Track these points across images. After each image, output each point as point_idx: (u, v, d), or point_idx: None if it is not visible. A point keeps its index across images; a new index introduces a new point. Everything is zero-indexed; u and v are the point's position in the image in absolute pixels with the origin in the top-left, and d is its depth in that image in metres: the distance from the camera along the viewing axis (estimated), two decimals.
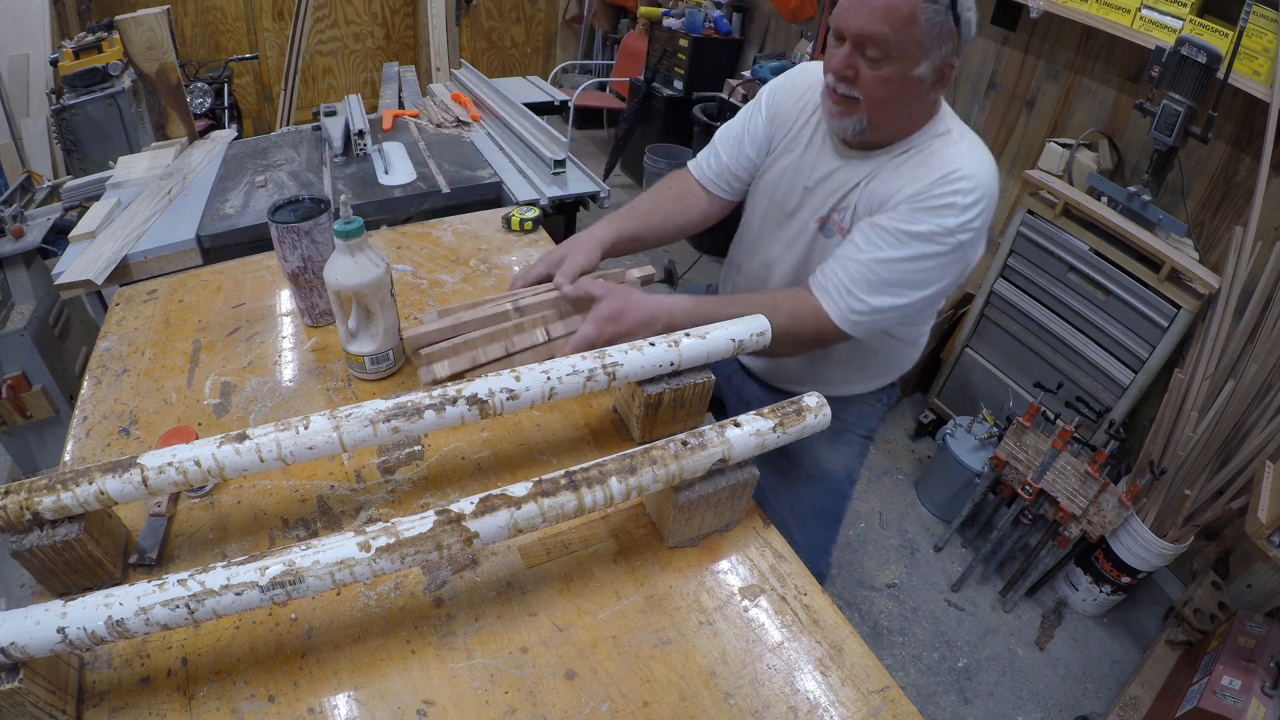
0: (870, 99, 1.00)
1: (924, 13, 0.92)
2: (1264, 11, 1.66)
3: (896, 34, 0.93)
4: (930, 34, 0.93)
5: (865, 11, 0.94)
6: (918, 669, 1.90)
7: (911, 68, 0.96)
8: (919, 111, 1.04)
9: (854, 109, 1.02)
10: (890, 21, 0.93)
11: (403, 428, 0.74)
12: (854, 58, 0.98)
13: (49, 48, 3.02)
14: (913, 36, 0.93)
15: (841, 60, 0.99)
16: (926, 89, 1.00)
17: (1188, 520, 1.80)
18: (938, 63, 0.97)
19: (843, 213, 1.11)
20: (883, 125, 1.04)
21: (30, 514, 0.66)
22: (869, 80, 0.98)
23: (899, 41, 0.93)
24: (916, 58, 0.95)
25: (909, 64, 0.96)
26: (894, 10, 0.92)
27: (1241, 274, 1.73)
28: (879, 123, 1.03)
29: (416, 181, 1.96)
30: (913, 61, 0.96)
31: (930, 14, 0.92)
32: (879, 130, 1.04)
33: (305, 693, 0.66)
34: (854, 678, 0.70)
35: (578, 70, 5.34)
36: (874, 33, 0.94)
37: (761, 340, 0.92)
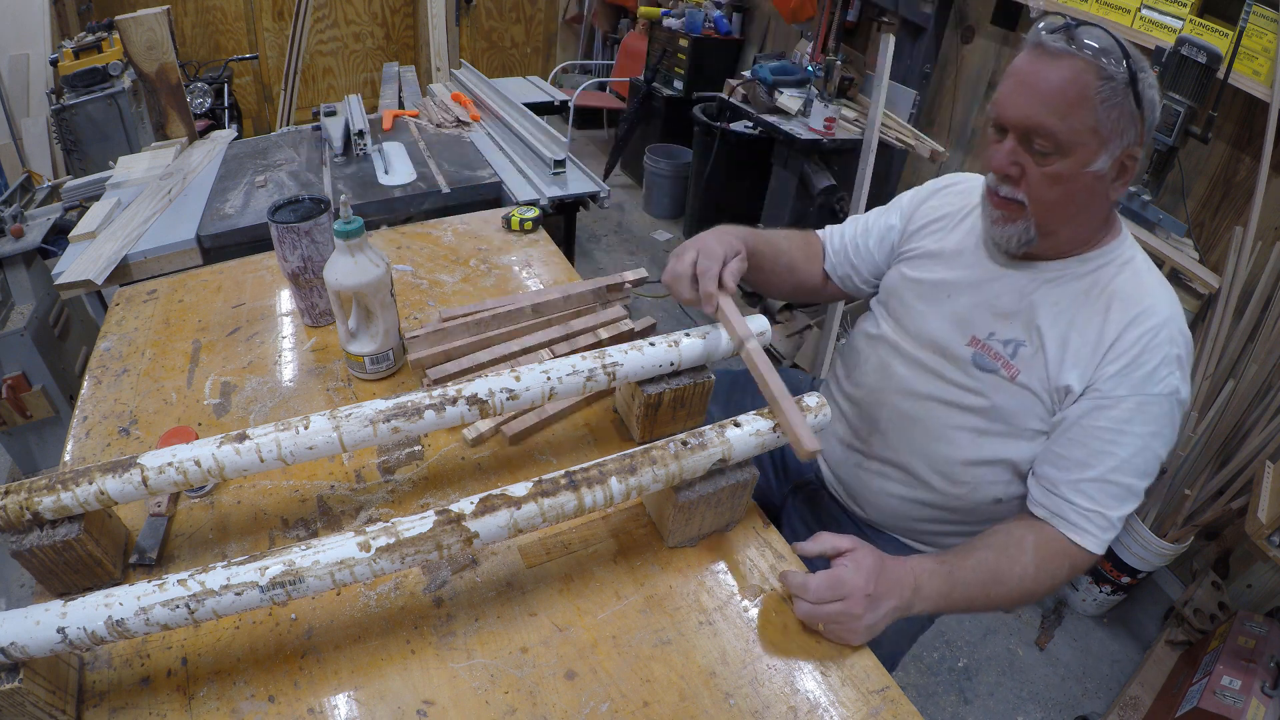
0: (1038, 201, 0.84)
1: (1100, 94, 0.76)
2: (1264, 11, 1.65)
3: (1068, 121, 0.77)
4: (1108, 120, 0.77)
5: (1030, 98, 0.79)
6: (918, 669, 1.90)
7: (1088, 162, 0.79)
8: (1096, 217, 0.87)
9: (1019, 214, 0.86)
10: (1059, 109, 0.77)
11: (403, 428, 0.74)
12: (1018, 153, 0.83)
13: (49, 48, 3.02)
14: (1087, 124, 0.77)
15: (1004, 157, 0.84)
16: (1105, 188, 0.83)
17: (1188, 520, 1.80)
18: (1119, 154, 0.80)
19: (1010, 345, 0.91)
20: (1054, 233, 0.86)
21: (30, 514, 0.66)
22: (1036, 180, 0.82)
23: (1071, 130, 0.78)
24: (1094, 149, 0.79)
25: (1085, 158, 0.79)
26: (1062, 94, 0.77)
27: (1241, 274, 1.73)
28: (1049, 229, 0.86)
29: (416, 181, 1.96)
30: (1089, 154, 0.79)
31: (1107, 95, 0.76)
32: (1049, 239, 0.87)
33: (305, 693, 0.66)
34: (854, 678, 0.70)
35: (578, 70, 5.34)
36: (1041, 122, 0.79)
37: (762, 340, 0.92)
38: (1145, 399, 0.82)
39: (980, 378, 0.93)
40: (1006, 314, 0.92)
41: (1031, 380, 0.89)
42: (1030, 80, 0.79)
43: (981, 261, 0.96)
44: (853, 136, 2.69)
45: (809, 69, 3.06)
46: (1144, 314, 0.83)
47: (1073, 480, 0.85)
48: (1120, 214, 1.94)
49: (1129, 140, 0.79)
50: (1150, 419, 0.83)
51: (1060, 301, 0.88)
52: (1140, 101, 0.77)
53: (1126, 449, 0.83)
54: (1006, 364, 0.91)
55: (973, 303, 0.95)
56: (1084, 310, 0.86)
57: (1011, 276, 0.93)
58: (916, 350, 1.00)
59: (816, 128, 2.71)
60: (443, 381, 0.97)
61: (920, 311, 1.00)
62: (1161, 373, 0.82)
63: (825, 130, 2.69)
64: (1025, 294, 0.91)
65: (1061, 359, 0.87)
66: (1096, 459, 0.83)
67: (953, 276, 0.98)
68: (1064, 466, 0.86)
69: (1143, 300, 0.84)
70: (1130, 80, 0.76)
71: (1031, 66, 0.79)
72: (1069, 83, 0.76)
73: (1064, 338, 0.87)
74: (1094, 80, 0.76)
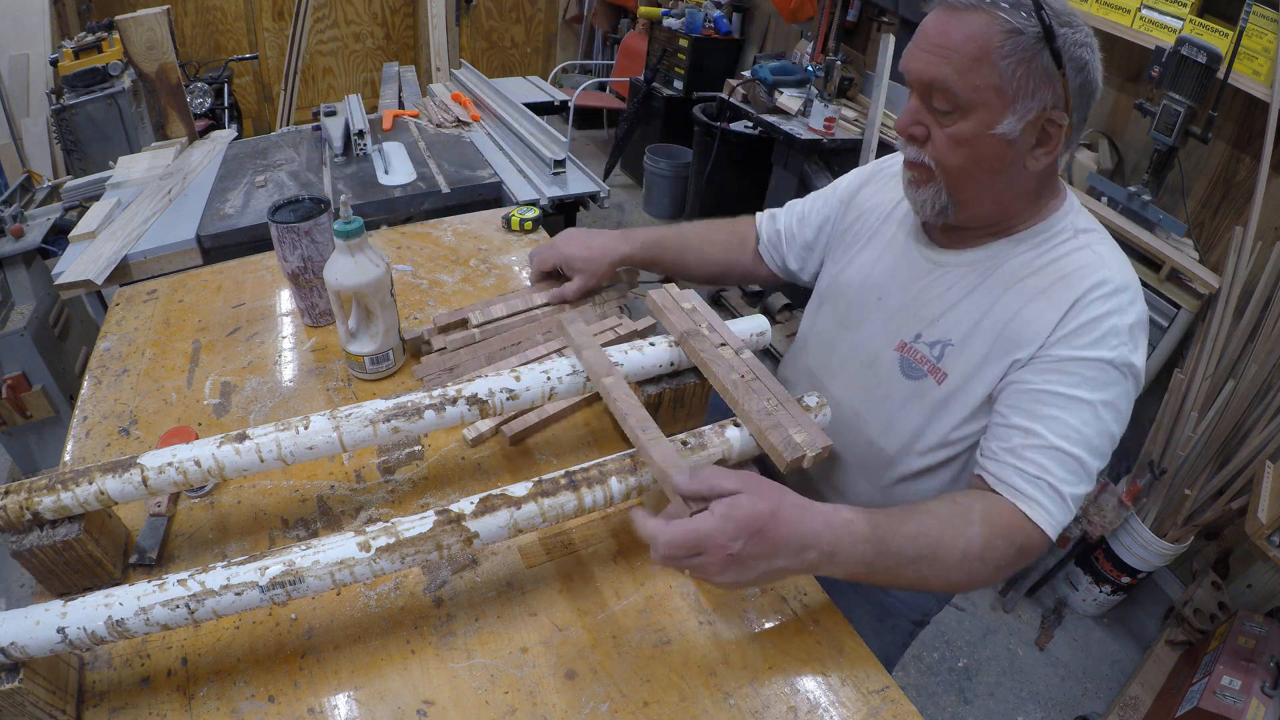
0: (943, 165, 0.78)
1: (1002, 50, 0.70)
2: (1264, 11, 1.65)
3: (965, 77, 0.71)
4: (1014, 78, 0.70)
5: (929, 53, 0.73)
6: (918, 669, 1.90)
7: (992, 123, 0.73)
8: (1017, 186, 0.80)
9: (928, 177, 0.80)
10: (957, 60, 0.71)
11: (403, 428, 0.74)
12: (921, 112, 0.78)
13: (49, 48, 3.02)
14: (989, 82, 0.71)
15: (907, 116, 0.79)
16: (1021, 154, 0.76)
17: (1188, 520, 1.80)
18: (1032, 117, 0.73)
19: (937, 346, 0.85)
20: (968, 202, 0.80)
21: (30, 514, 0.66)
22: (941, 142, 0.77)
23: (970, 89, 0.72)
24: (997, 110, 0.72)
25: (988, 118, 0.73)
26: (962, 45, 0.71)
27: (1241, 274, 1.73)
28: (962, 197, 0.80)
29: (416, 181, 1.96)
30: (993, 115, 0.73)
31: (1010, 50, 0.70)
32: (966, 209, 0.81)
33: (305, 693, 0.66)
34: (854, 678, 0.70)
35: (578, 70, 5.34)
36: (936, 76, 0.73)
37: (762, 340, 0.92)
38: (1093, 362, 0.75)
39: (907, 387, 0.87)
40: (934, 313, 0.86)
41: (961, 382, 0.83)
42: (931, 35, 0.74)
43: (911, 256, 0.91)
44: (853, 136, 2.70)
45: (809, 69, 3.06)
46: (1095, 287, 0.77)
47: (1018, 446, 0.77)
48: (1120, 213, 1.95)
49: (1044, 102, 0.72)
50: (1099, 384, 0.75)
51: (995, 289, 0.82)
52: (1059, 59, 0.70)
53: (1075, 415, 0.75)
54: (933, 367, 0.85)
55: (901, 301, 0.90)
56: (1024, 291, 0.80)
57: (942, 270, 0.87)
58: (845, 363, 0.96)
59: (816, 128, 2.71)
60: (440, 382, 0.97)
61: (853, 320, 0.96)
62: (1111, 340, 0.75)
63: (825, 130, 2.69)
64: (956, 287, 0.85)
65: (998, 348, 0.81)
66: (1043, 423, 0.76)
67: (884, 276, 0.93)
68: (1008, 435, 0.78)
69: (1093, 274, 0.77)
70: (1046, 36, 0.69)
71: (935, 21, 0.74)
72: (969, 38, 0.71)
73: (1001, 324, 0.80)
74: (996, 33, 0.69)
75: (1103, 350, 0.75)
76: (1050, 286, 0.79)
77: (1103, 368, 0.76)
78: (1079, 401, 0.75)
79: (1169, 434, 1.83)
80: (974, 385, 0.83)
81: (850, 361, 0.95)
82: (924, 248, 0.90)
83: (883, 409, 0.91)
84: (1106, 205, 1.96)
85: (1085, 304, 0.76)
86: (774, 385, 0.78)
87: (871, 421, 0.93)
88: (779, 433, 0.71)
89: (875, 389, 0.92)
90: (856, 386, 0.94)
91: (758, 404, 0.75)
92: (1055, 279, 0.79)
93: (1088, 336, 0.76)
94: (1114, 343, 0.76)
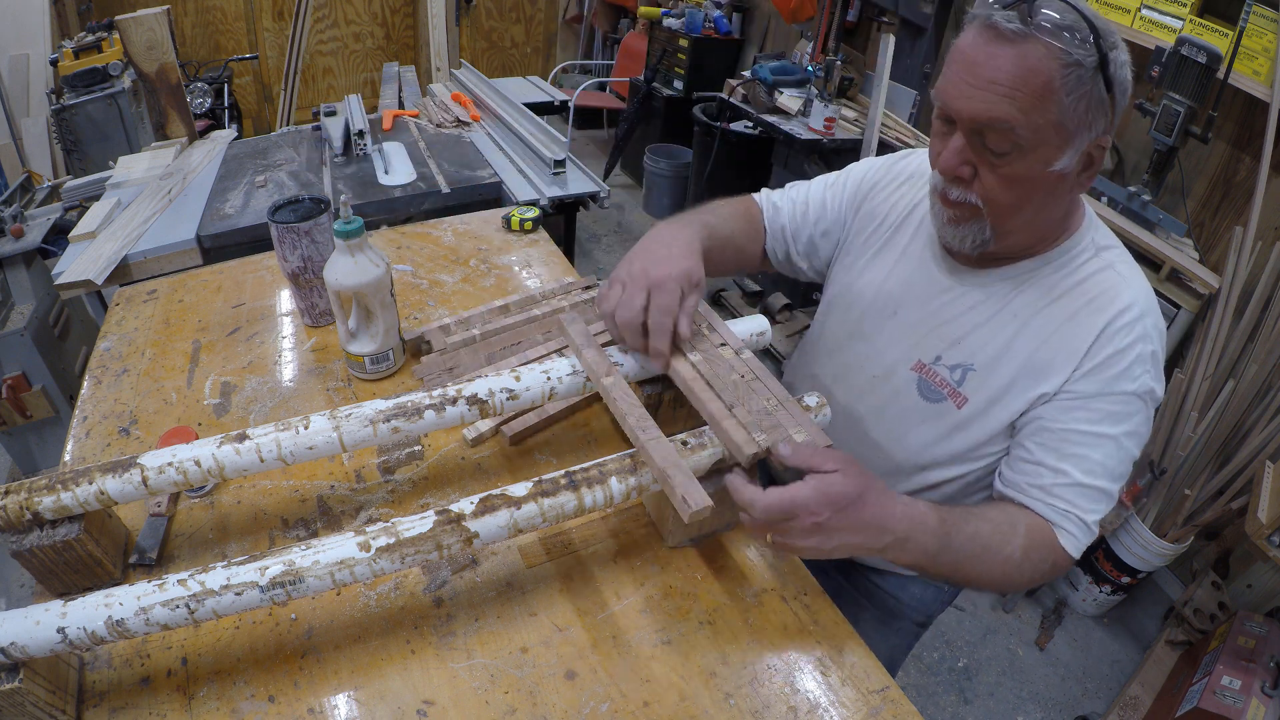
0: (994, 205, 0.73)
1: (1065, 85, 0.64)
2: (1264, 11, 1.66)
3: (1029, 117, 0.66)
4: (1075, 112, 0.66)
5: (981, 89, 0.67)
6: (918, 669, 1.90)
7: (1051, 161, 0.68)
8: (1057, 212, 0.77)
9: (972, 215, 0.75)
10: (1019, 100, 0.65)
11: (403, 428, 0.74)
12: (968, 152, 0.71)
13: (49, 48, 3.02)
14: (1050, 119, 0.66)
15: (954, 158, 0.72)
16: (1070, 184, 0.73)
17: (1188, 520, 1.80)
18: (1086, 147, 0.69)
19: (958, 370, 0.82)
20: (1012, 233, 0.77)
21: (30, 514, 0.66)
22: (992, 183, 0.71)
23: (1033, 127, 0.66)
24: (1058, 146, 0.68)
25: (1048, 156, 0.68)
26: (1023, 82, 0.64)
27: (1241, 274, 1.73)
28: (1007, 231, 0.76)
29: (416, 181, 1.96)
30: (1052, 153, 0.68)
31: (1074, 82, 0.64)
32: (1007, 239, 0.77)
33: (305, 693, 0.66)
34: (854, 678, 0.70)
35: (578, 70, 5.34)
36: (996, 117, 0.67)
37: (762, 340, 0.92)
38: (1119, 397, 0.76)
39: (924, 408, 0.85)
40: (955, 335, 0.83)
41: (984, 408, 0.82)
42: (981, 68, 0.67)
43: (929, 271, 0.87)
44: (853, 136, 2.70)
45: (809, 69, 3.06)
46: (1121, 313, 0.75)
47: (1048, 484, 0.78)
48: (1120, 213, 1.95)
49: (1099, 130, 0.69)
50: (1123, 417, 0.76)
51: (1021, 313, 0.80)
52: (1111, 86, 0.66)
53: (1100, 451, 0.76)
54: (953, 391, 0.83)
55: (920, 319, 0.86)
56: (1052, 317, 0.78)
57: (962, 290, 0.83)
58: (855, 373, 0.93)
59: (816, 128, 2.71)
60: (440, 380, 0.97)
61: (865, 332, 0.92)
62: (1136, 371, 0.75)
63: (825, 130, 2.69)
64: (979, 308, 0.82)
65: (1024, 375, 0.79)
66: (1070, 463, 0.77)
67: (900, 289, 0.89)
68: (1037, 473, 0.79)
69: (1118, 298, 0.76)
70: (1100, 64, 0.65)
71: (982, 51, 0.67)
72: (1029, 72, 0.64)
73: (1028, 352, 0.79)
74: (1058, 68, 0.64)
75: (1127, 384, 0.75)
76: (1078, 312, 0.77)
77: (1127, 400, 0.76)
78: (1104, 438, 0.76)
79: (1169, 434, 1.83)
80: (996, 411, 0.82)
81: (860, 373, 0.93)
82: (942, 263, 0.87)
83: (894, 423, 0.90)
84: (1106, 205, 1.96)
85: (1113, 332, 0.75)
86: (774, 385, 0.78)
87: (879, 433, 0.91)
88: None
89: (888, 404, 0.90)
90: (866, 397, 0.92)
91: (757, 404, 0.75)
92: (1082, 304, 0.77)
93: (1114, 369, 0.75)
94: (1138, 373, 0.76)
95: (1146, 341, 0.76)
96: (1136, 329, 0.75)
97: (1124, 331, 0.75)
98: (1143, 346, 0.76)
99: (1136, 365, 0.75)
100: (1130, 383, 0.76)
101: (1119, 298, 0.76)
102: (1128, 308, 0.76)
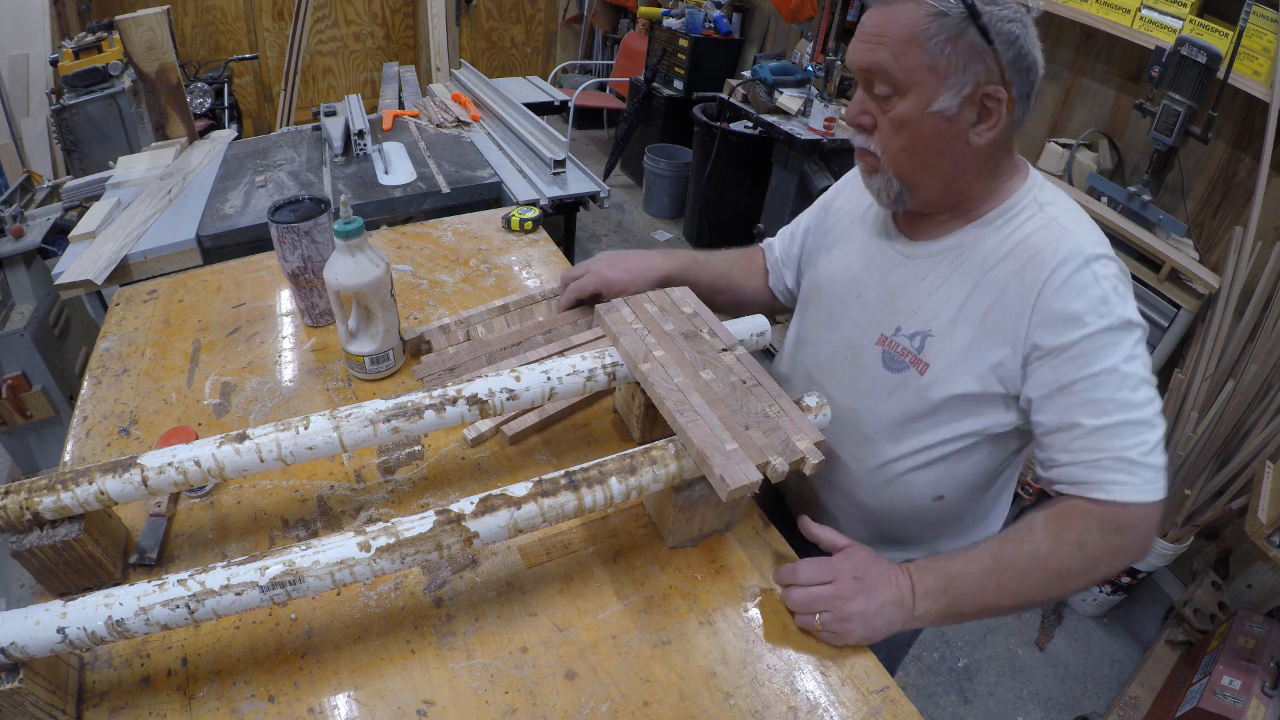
0: (888, 150, 0.80)
1: (929, 30, 0.72)
2: (1264, 11, 1.66)
3: (899, 61, 0.74)
4: (944, 56, 0.73)
5: (863, 40, 0.77)
6: (918, 669, 1.90)
7: (928, 101, 0.75)
8: (967, 166, 0.80)
9: (876, 165, 0.82)
10: (889, 45, 0.75)
11: (403, 428, 0.74)
12: (866, 101, 0.80)
13: (49, 48, 3.02)
14: (921, 62, 0.74)
15: (855, 107, 0.82)
16: (963, 130, 0.77)
17: (1188, 520, 1.80)
18: (968, 92, 0.75)
19: (917, 338, 0.86)
20: (920, 185, 0.82)
21: (30, 514, 0.66)
22: (885, 129, 0.79)
23: (905, 69, 0.74)
24: (932, 87, 0.74)
25: (924, 97, 0.75)
26: (892, 30, 0.74)
27: (1241, 274, 1.73)
28: (912, 180, 0.81)
29: (416, 181, 1.96)
30: (928, 93, 0.75)
31: (939, 29, 0.72)
32: (919, 192, 0.82)
33: (305, 693, 0.66)
34: (854, 678, 0.70)
35: (578, 70, 5.34)
36: (874, 61, 0.76)
37: (762, 340, 0.92)
38: (1091, 336, 0.75)
39: (890, 379, 0.88)
40: (912, 305, 0.87)
41: (945, 373, 0.84)
42: (867, 27, 0.78)
43: (884, 250, 0.92)
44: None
45: (809, 69, 3.06)
46: (1062, 263, 0.76)
47: (1067, 444, 0.77)
48: (1120, 213, 1.95)
49: (977, 76, 0.74)
50: (1108, 352, 0.75)
51: (970, 275, 0.83)
52: (987, 35, 0.72)
53: (1102, 390, 0.75)
54: (915, 359, 0.86)
55: (878, 296, 0.91)
56: (998, 276, 0.80)
57: (914, 262, 0.88)
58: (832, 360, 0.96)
59: (816, 128, 2.72)
60: (440, 380, 0.97)
61: (833, 319, 0.96)
62: (1100, 309, 0.75)
63: (825, 130, 2.69)
64: (930, 276, 0.86)
65: (982, 337, 0.81)
66: (1075, 414, 0.76)
67: (861, 272, 0.94)
68: (1055, 441, 0.78)
69: (1060, 248, 0.77)
70: (970, 15, 0.72)
71: (870, 16, 0.78)
72: (895, 22, 0.74)
73: (981, 313, 0.81)
74: (921, 16, 0.73)
75: (1096, 321, 0.75)
76: (1023, 268, 0.78)
77: (1103, 335, 0.75)
78: (1098, 375, 0.75)
79: (1169, 434, 1.83)
80: (959, 375, 0.83)
81: (836, 359, 0.96)
82: (895, 241, 0.91)
83: (865, 399, 0.92)
84: (1106, 205, 1.96)
85: (1058, 283, 0.76)
86: (772, 388, 0.78)
87: (857, 413, 0.93)
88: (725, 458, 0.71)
89: (860, 383, 0.92)
90: (845, 383, 0.94)
91: (757, 407, 0.75)
92: (1027, 259, 0.79)
93: (1072, 316, 0.76)
94: (1102, 310, 0.75)
95: (1098, 283, 0.76)
96: (1084, 274, 0.76)
97: (1071, 281, 0.76)
98: (1095, 288, 0.75)
99: (1099, 305, 0.75)
100: (1099, 319, 0.75)
101: (1061, 248, 0.77)
102: (1069, 257, 0.76)
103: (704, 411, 0.74)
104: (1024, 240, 0.80)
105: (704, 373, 0.79)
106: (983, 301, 0.81)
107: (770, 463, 0.69)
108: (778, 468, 0.69)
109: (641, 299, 0.91)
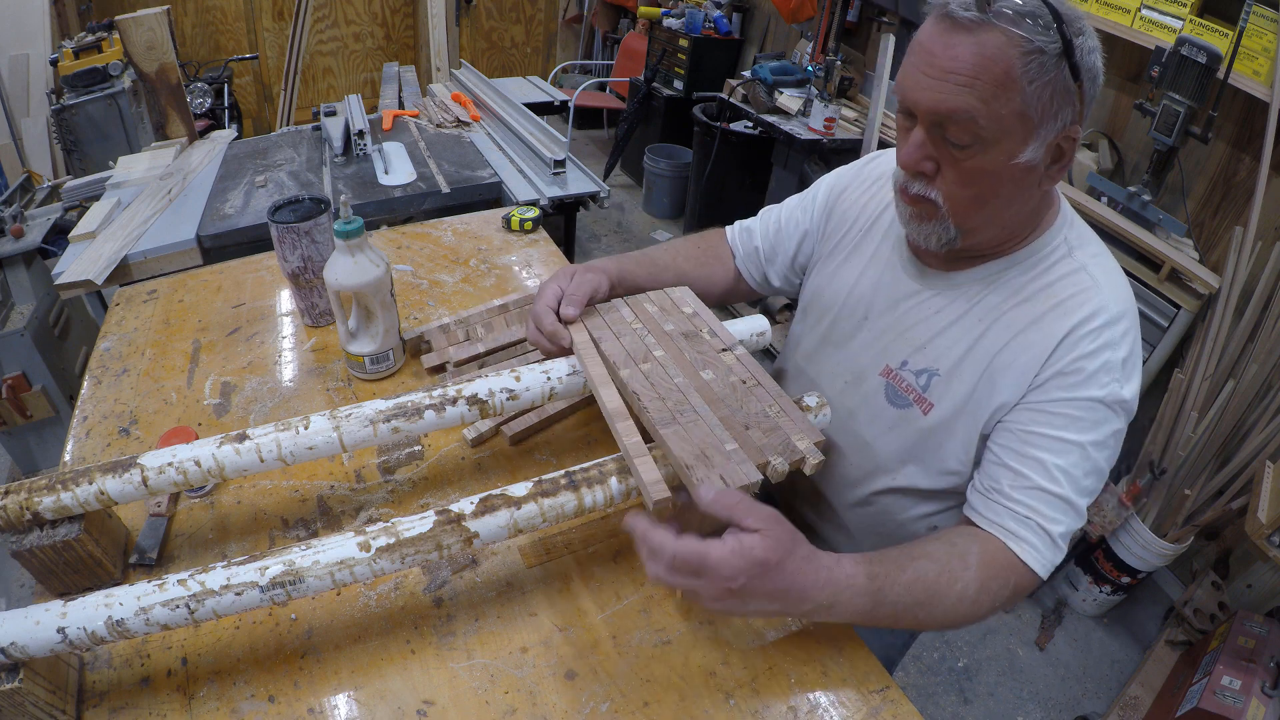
0: (955, 201, 0.70)
1: (1027, 73, 0.61)
2: (1264, 11, 1.65)
3: (989, 106, 0.63)
4: (1039, 102, 0.63)
5: (939, 78, 0.64)
6: (918, 669, 1.90)
7: (1015, 153, 0.65)
8: (1026, 207, 0.73)
9: (934, 213, 0.73)
10: (978, 89, 0.62)
11: (403, 428, 0.74)
12: (929, 146, 0.69)
13: (49, 48, 3.02)
14: (1013, 109, 0.63)
15: (915, 151, 0.70)
16: (1039, 177, 0.69)
17: (1188, 520, 1.80)
18: (1054, 138, 0.66)
19: (923, 375, 0.80)
20: (977, 231, 0.74)
21: (30, 514, 0.66)
22: (953, 178, 0.69)
23: (994, 117, 0.63)
24: (1022, 138, 0.65)
25: (1011, 149, 0.65)
26: (982, 71, 0.62)
27: (1241, 274, 1.73)
28: (972, 226, 0.73)
29: (416, 181, 1.96)
30: (1016, 145, 0.65)
31: (1035, 72, 0.61)
32: (973, 236, 0.74)
33: (305, 693, 0.66)
34: (854, 678, 0.70)
35: (578, 70, 5.34)
36: (955, 108, 0.64)
37: (762, 340, 0.92)
38: (1083, 402, 0.72)
39: (892, 414, 0.83)
40: (921, 340, 0.81)
41: (949, 415, 0.79)
42: (938, 58, 0.64)
43: (897, 275, 0.85)
44: (853, 136, 2.70)
45: (809, 69, 3.06)
46: (1088, 319, 0.72)
47: (1006, 487, 0.74)
48: (1120, 214, 1.95)
49: (1066, 121, 0.65)
50: (1089, 425, 0.72)
51: (986, 316, 0.77)
52: (1078, 73, 0.63)
53: (1064, 458, 0.72)
54: (919, 397, 0.81)
55: (888, 324, 0.85)
56: (1016, 320, 0.75)
57: (930, 293, 0.81)
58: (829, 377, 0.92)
59: (816, 128, 2.72)
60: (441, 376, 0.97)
61: (836, 338, 0.91)
62: (1103, 378, 0.71)
63: (825, 130, 2.69)
64: (945, 311, 0.80)
65: (987, 381, 0.76)
66: (1031, 466, 0.73)
67: (869, 293, 0.87)
68: (998, 475, 0.75)
69: (1087, 303, 0.72)
70: (1064, 50, 0.61)
71: (939, 41, 0.64)
72: (988, 61, 0.61)
73: (990, 355, 0.76)
74: (1018, 55, 0.61)
75: (1093, 389, 0.72)
76: (1043, 316, 0.74)
77: (1093, 407, 0.72)
78: (1069, 444, 0.72)
79: (1169, 434, 1.83)
80: (961, 419, 0.79)
81: (835, 378, 0.92)
82: (910, 266, 0.85)
83: (866, 429, 0.88)
84: (1106, 205, 1.96)
85: (1078, 338, 0.72)
86: (772, 388, 0.78)
87: (854, 437, 0.89)
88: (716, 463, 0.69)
89: (859, 410, 0.88)
90: (840, 402, 0.90)
91: (756, 408, 0.75)
92: (1049, 307, 0.74)
93: (1078, 375, 0.72)
94: (1105, 380, 0.72)
95: (1115, 348, 0.72)
96: (1104, 335, 0.71)
97: (1090, 337, 0.72)
98: (1111, 354, 0.71)
99: (1103, 372, 0.72)
100: (1097, 389, 0.71)
101: (1088, 302, 0.72)
102: (1095, 313, 0.72)
103: (704, 411, 0.74)
104: (1049, 286, 0.75)
105: (704, 372, 0.79)
106: (994, 344, 0.76)
107: (770, 463, 0.69)
108: (778, 468, 0.69)
109: (641, 299, 0.91)
